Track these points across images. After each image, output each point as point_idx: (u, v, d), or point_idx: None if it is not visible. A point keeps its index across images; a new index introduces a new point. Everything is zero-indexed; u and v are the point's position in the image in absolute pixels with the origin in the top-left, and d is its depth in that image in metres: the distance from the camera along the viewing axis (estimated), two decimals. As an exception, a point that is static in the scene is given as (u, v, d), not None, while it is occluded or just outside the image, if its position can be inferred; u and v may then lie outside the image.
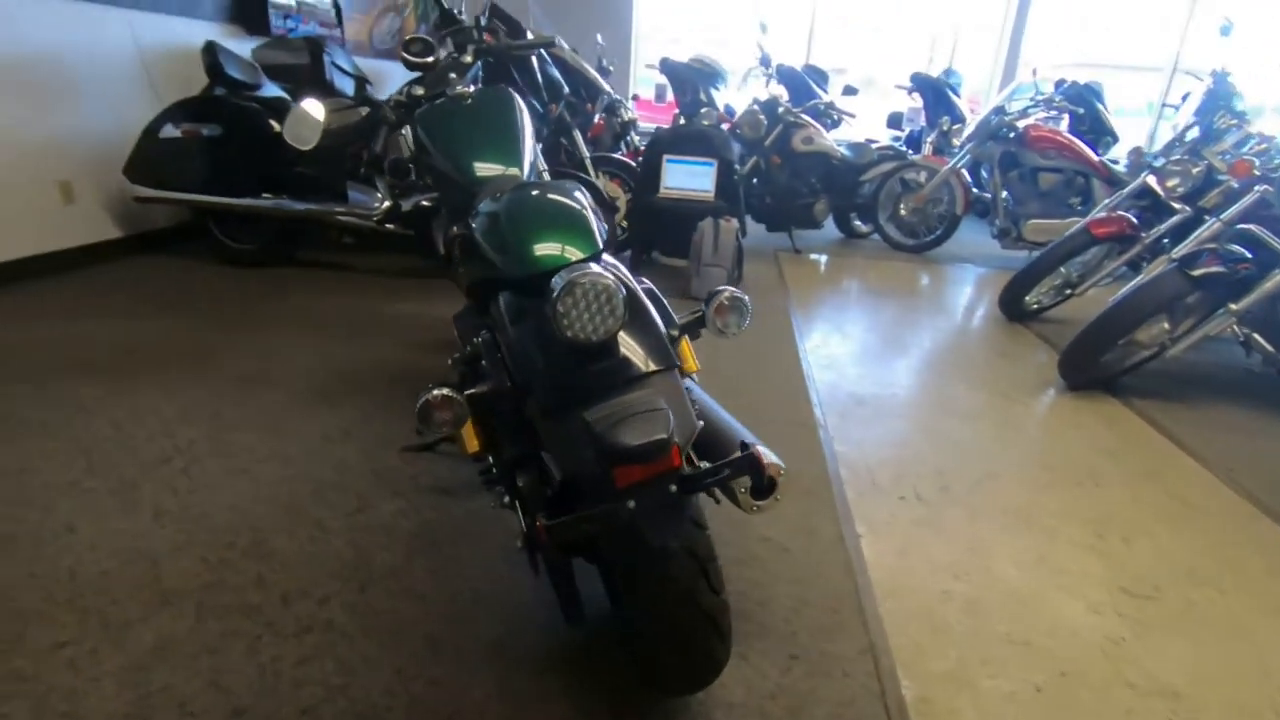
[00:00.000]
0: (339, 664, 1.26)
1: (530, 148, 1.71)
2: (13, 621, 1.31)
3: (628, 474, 0.84)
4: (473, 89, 1.81)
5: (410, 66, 1.96)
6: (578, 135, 3.88)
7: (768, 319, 3.36)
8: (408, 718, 1.17)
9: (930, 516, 1.85)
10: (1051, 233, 4.26)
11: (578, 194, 1.18)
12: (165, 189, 3.36)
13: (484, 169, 1.58)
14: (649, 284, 1.17)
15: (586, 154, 3.91)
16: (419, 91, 1.90)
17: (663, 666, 1.04)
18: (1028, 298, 3.55)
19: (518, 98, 1.79)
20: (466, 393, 0.96)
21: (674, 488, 0.86)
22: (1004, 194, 4.70)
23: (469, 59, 1.99)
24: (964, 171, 5.24)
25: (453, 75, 1.91)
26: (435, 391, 0.92)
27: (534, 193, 1.17)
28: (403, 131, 2.80)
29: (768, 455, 1.24)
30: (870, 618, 1.47)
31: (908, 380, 2.75)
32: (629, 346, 0.94)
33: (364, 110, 3.47)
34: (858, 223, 5.34)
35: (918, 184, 4.87)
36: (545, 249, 1.02)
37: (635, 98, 6.64)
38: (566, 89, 3.47)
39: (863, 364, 2.89)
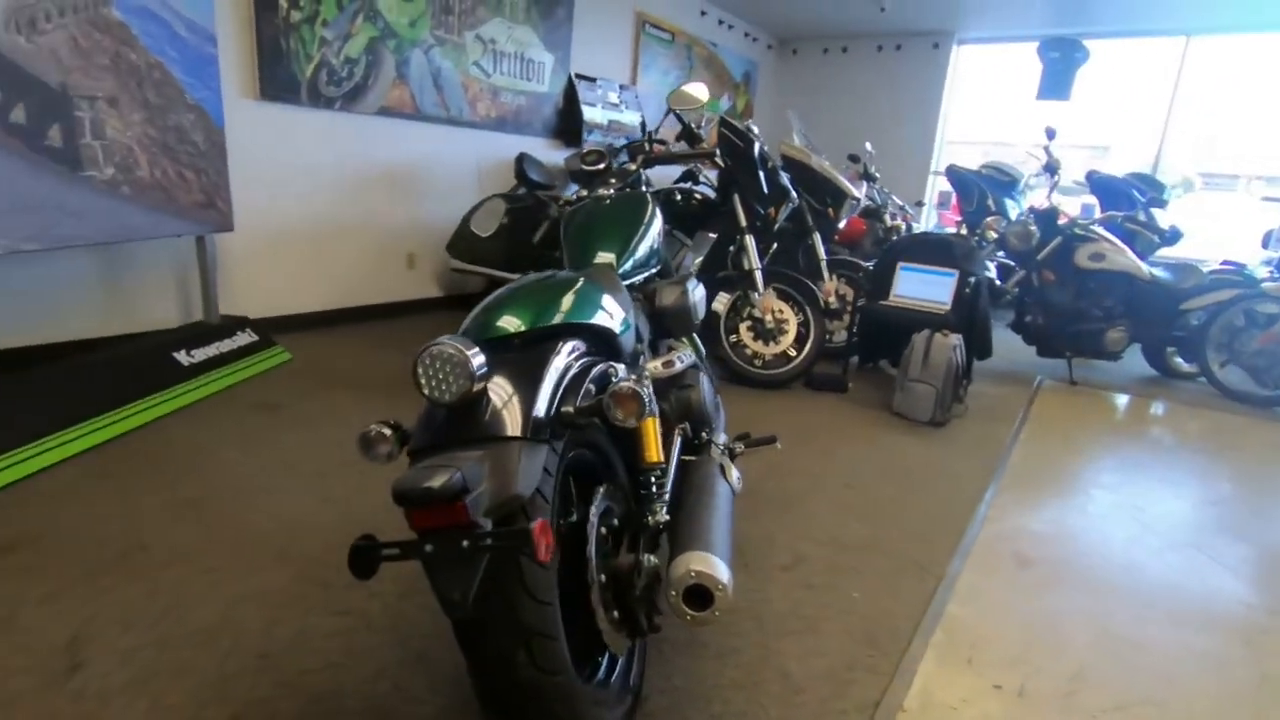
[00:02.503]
0: (347, 647, 1.52)
1: (646, 241, 1.87)
2: (200, 545, 1.86)
3: (419, 518, 0.93)
4: (613, 191, 2.07)
5: (586, 173, 2.32)
6: (816, 238, 3.94)
7: (968, 450, 2.93)
8: (358, 707, 1.36)
9: (1018, 717, 1.45)
10: None
11: (572, 280, 1.32)
12: (471, 263, 4.31)
13: (592, 258, 1.79)
14: (612, 367, 1.23)
15: (823, 256, 3.94)
16: (584, 193, 2.23)
17: None
18: (1394, 489, 2.49)
19: (649, 199, 1.98)
20: (403, 429, 1.15)
21: (465, 544, 0.92)
22: None
23: (633, 166, 2.27)
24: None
25: (613, 180, 2.20)
26: (372, 427, 1.14)
27: (538, 276, 1.34)
28: None
29: (713, 567, 1.19)
30: (841, 799, 1.23)
31: (1121, 555, 2.15)
32: (506, 410, 1.04)
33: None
34: (1178, 360, 4.29)
35: (1271, 318, 3.77)
36: (497, 320, 1.17)
37: (919, 204, 6.36)
38: (794, 194, 3.58)
39: (1065, 521, 2.35)
